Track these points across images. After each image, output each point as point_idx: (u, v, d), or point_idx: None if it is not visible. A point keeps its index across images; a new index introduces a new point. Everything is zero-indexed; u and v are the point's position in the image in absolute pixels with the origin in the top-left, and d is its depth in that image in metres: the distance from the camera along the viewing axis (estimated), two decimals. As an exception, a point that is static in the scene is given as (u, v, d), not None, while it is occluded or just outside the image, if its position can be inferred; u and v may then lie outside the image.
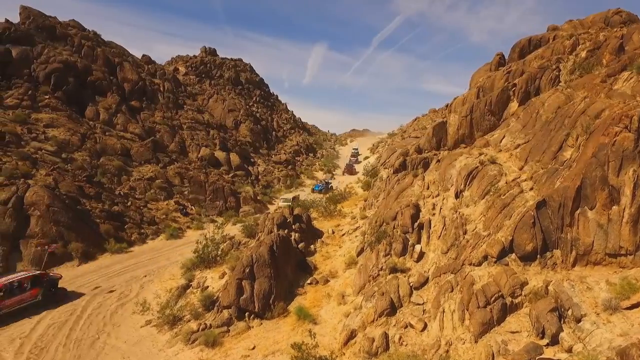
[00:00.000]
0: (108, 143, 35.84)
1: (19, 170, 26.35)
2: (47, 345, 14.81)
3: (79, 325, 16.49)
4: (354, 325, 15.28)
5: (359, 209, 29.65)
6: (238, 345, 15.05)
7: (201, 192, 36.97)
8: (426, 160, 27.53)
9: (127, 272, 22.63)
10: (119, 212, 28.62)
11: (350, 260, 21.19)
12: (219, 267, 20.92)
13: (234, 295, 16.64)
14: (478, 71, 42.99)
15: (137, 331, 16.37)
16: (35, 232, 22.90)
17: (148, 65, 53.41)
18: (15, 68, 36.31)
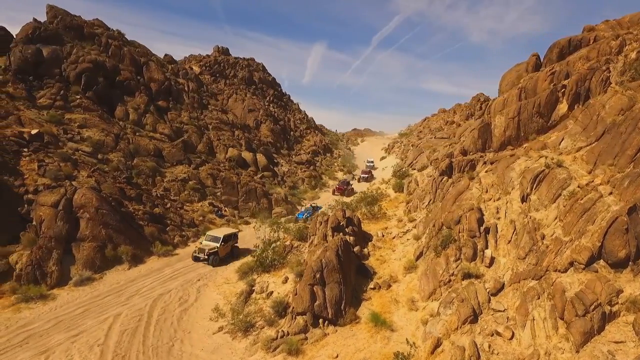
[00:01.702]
0: (141, 144, 35.49)
1: (63, 172, 26.02)
2: (127, 353, 14.50)
3: (150, 331, 16.17)
4: (437, 333, 14.97)
5: (402, 211, 29.31)
6: (319, 353, 14.73)
7: (234, 194, 36.63)
8: (472, 162, 27.22)
9: (179, 276, 22.30)
10: (160, 214, 28.30)
11: (409, 265, 20.86)
12: (278, 271, 20.59)
13: (308, 301, 16.33)
14: (509, 72, 42.65)
15: (210, 338, 16.05)
16: (86, 235, 22.59)
17: (170, 65, 53.00)
18: (46, 68, 35.91)
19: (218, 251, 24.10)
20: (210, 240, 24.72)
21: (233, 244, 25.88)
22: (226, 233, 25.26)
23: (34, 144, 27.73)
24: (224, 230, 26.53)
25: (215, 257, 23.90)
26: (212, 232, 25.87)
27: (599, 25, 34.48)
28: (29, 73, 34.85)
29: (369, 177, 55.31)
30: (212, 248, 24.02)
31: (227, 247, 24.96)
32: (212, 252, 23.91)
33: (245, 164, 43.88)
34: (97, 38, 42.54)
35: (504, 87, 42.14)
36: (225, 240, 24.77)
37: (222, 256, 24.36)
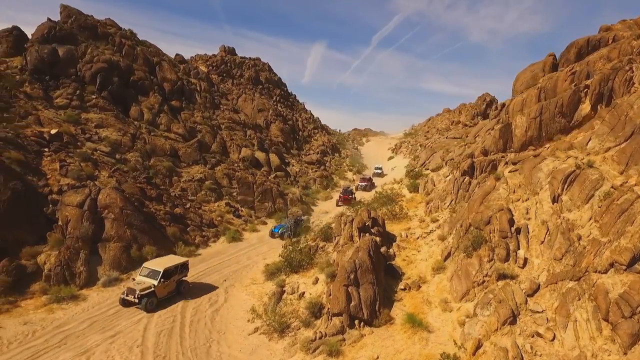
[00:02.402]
0: (157, 144, 35.44)
1: (84, 172, 25.97)
2: (167, 354, 14.45)
3: (186, 332, 16.13)
4: (476, 334, 14.92)
5: (422, 211, 29.26)
6: (359, 354, 14.68)
7: (249, 194, 36.58)
8: (494, 162, 27.15)
9: (205, 277, 22.26)
10: (180, 215, 28.25)
11: (436, 265, 20.80)
12: (306, 272, 20.53)
13: (344, 302, 16.27)
14: (524, 72, 42.59)
15: (246, 339, 16.01)
16: (111, 236, 22.54)
17: (182, 64, 52.94)
18: (62, 67, 35.85)
19: (155, 291, 17.99)
20: (146, 276, 18.67)
21: (179, 279, 19.77)
22: (169, 265, 19.15)
23: (54, 143, 27.69)
24: (168, 260, 20.09)
25: (150, 301, 17.73)
26: (151, 263, 19.60)
27: (616, 25, 34.43)
28: (45, 73, 34.81)
29: (369, 185, 48.35)
30: (146, 288, 17.87)
31: (169, 284, 18.91)
32: (146, 294, 17.70)
33: (259, 164, 43.84)
34: (111, 38, 42.50)
35: (519, 87, 42.08)
36: (167, 275, 18.79)
37: (161, 297, 18.41)
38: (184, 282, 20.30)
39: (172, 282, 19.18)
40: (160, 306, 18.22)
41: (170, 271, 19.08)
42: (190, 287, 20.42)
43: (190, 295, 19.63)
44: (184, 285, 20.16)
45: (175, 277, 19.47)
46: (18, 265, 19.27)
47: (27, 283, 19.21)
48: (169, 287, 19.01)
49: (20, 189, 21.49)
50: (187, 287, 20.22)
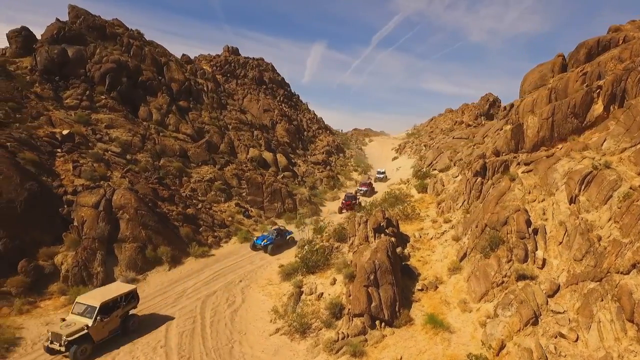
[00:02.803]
0: (167, 144, 35.46)
1: (97, 173, 26.00)
2: (191, 355, 14.48)
3: (207, 333, 16.15)
4: (499, 335, 14.95)
5: (434, 212, 29.29)
6: (382, 355, 14.71)
7: (259, 194, 36.59)
8: (506, 162, 27.20)
9: (220, 277, 22.27)
10: (193, 215, 28.27)
11: (452, 266, 20.84)
12: (323, 272, 20.56)
13: (365, 303, 16.31)
14: (532, 72, 42.66)
15: (267, 340, 16.03)
16: (126, 236, 22.57)
17: (188, 64, 52.94)
18: (71, 68, 35.88)
19: (90, 334, 14.10)
20: (81, 314, 14.54)
21: (125, 313, 15.81)
22: (109, 298, 15.07)
23: (66, 144, 27.73)
24: (108, 291, 15.92)
25: (81, 349, 13.81)
26: (86, 296, 15.31)
27: (625, 26, 34.48)
28: (54, 73, 34.83)
29: (369, 190, 46.21)
30: (76, 331, 13.84)
31: (110, 321, 14.99)
32: (76, 339, 13.75)
33: (266, 164, 43.85)
34: (119, 38, 42.51)
35: (527, 87, 42.15)
36: (107, 310, 14.87)
37: (101, 339, 14.62)
38: (133, 317, 16.17)
39: (114, 319, 15.14)
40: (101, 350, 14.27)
41: (110, 305, 15.05)
42: (140, 321, 16.42)
43: (207, 296, 19.63)
44: (133, 320, 16.00)
45: (119, 311, 15.39)
46: (36, 266, 19.30)
47: (45, 284, 19.25)
48: (110, 325, 14.95)
49: (36, 190, 21.53)
50: (136, 322, 16.14)
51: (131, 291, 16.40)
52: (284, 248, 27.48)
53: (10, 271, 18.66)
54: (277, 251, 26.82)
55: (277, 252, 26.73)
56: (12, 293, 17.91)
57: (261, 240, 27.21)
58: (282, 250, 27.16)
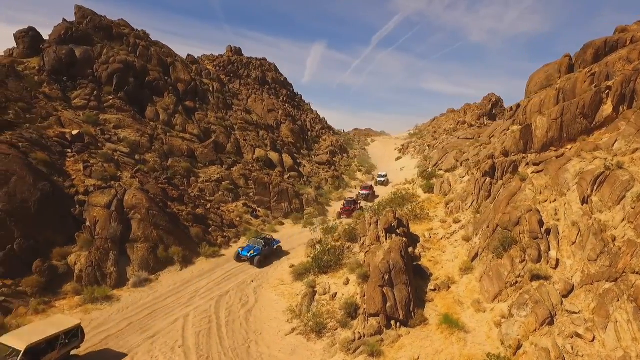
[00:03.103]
0: (174, 144, 35.54)
1: (108, 173, 26.06)
2: (209, 354, 14.56)
3: (223, 333, 16.23)
4: (515, 335, 15.03)
5: (443, 212, 29.36)
6: (399, 355, 14.78)
7: (266, 194, 36.67)
8: (515, 163, 27.27)
9: (232, 277, 22.34)
10: (202, 215, 28.35)
11: (464, 266, 20.92)
12: (335, 272, 20.62)
13: (380, 303, 16.38)
14: (538, 72, 42.73)
15: (283, 339, 16.10)
16: (138, 236, 22.65)
17: (193, 65, 53.00)
18: (79, 68, 35.96)
19: None
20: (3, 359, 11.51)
21: (64, 356, 13.07)
22: (40, 338, 12.11)
23: (76, 144, 27.79)
24: (42, 328, 12.87)
25: None
26: (9, 336, 12.25)
27: (632, 26, 34.53)
28: (62, 74, 34.91)
29: (370, 194, 43.60)
30: None
31: None
32: None
33: (272, 164, 43.92)
34: (126, 38, 42.58)
35: (533, 87, 42.20)
36: (36, 354, 11.97)
37: None
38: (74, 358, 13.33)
39: None
40: None
41: (42, 347, 12.12)
42: None
43: (221, 296, 19.70)
44: None
45: (54, 354, 12.45)
46: (50, 266, 19.38)
47: (60, 283, 19.32)
48: None
49: (48, 190, 21.61)
50: None
51: (73, 327, 13.36)
52: (272, 259, 25.08)
53: (25, 271, 18.75)
54: (265, 263, 24.18)
55: (264, 264, 24.07)
56: (27, 293, 17.99)
57: (247, 251, 24.15)
58: (271, 261, 24.77)
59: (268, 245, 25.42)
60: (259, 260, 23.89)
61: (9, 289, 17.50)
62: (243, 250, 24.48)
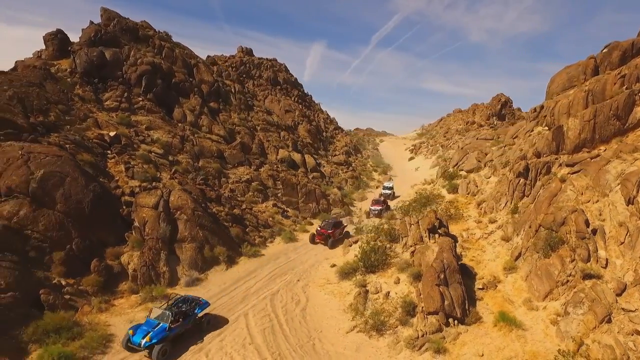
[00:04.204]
0: (204, 145, 35.95)
1: (149, 174, 26.47)
2: (279, 351, 14.97)
3: (286, 331, 16.65)
4: (574, 332, 15.45)
5: (475, 212, 29.77)
6: (463, 351, 15.20)
7: (294, 194, 37.08)
8: (548, 164, 27.69)
9: (277, 277, 22.74)
10: (239, 216, 28.76)
11: (507, 265, 21.35)
12: (383, 272, 21.02)
13: (439, 301, 16.79)
14: (559, 74, 43.14)
15: (345, 337, 16.52)
16: (185, 236, 23.04)
17: (213, 66, 53.38)
18: (109, 70, 36.35)
19: None
20: None
21: None
22: None
23: (115, 146, 28.20)
24: None
25: None
26: None
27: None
28: (93, 75, 35.29)
29: (384, 209, 37.02)
30: None
31: None
32: None
33: (295, 165, 44.32)
34: (151, 40, 42.97)
35: (554, 89, 42.62)
36: None
37: None
38: None
39: None
40: None
41: None
42: None
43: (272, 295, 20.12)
44: None
45: None
46: (106, 266, 19.81)
47: (115, 283, 19.75)
48: None
49: (99, 191, 22.03)
50: None
51: None
52: (193, 336, 15.83)
53: (84, 270, 19.18)
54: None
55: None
56: (88, 292, 18.43)
57: (142, 334, 14.47)
58: (187, 345, 15.34)
59: (185, 318, 15.62)
60: (160, 352, 14.07)
61: (73, 288, 17.94)
62: (134, 336, 14.54)
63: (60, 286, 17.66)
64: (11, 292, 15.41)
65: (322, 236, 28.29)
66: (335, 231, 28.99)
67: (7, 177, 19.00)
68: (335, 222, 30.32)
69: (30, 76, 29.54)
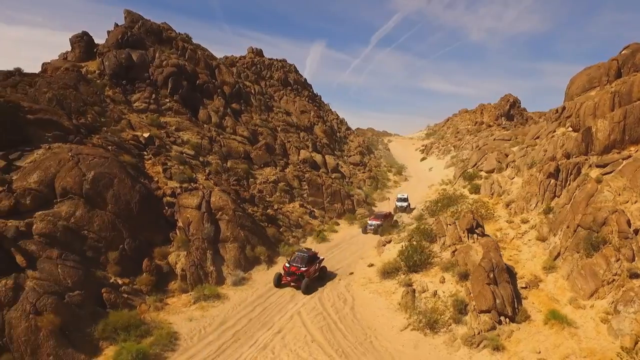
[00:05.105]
0: (232, 146, 36.35)
1: (186, 175, 26.84)
2: (341, 348, 15.35)
3: (342, 328, 17.01)
4: (628, 330, 15.79)
5: (504, 212, 30.14)
6: (519, 348, 15.57)
7: (319, 195, 37.47)
8: (578, 165, 28.06)
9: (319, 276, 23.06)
10: (273, 216, 29.14)
11: (547, 265, 21.71)
12: (426, 271, 21.38)
13: (491, 300, 17.17)
14: (579, 75, 43.54)
15: (400, 335, 16.89)
16: (227, 236, 23.44)
17: (232, 67, 53.77)
18: (136, 72, 36.74)
19: None
20: None
21: None
22: None
23: (150, 147, 28.58)
24: None
25: None
26: None
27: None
28: (122, 77, 35.70)
29: (388, 220, 33.16)
30: None
31: None
32: None
33: (316, 165, 44.70)
34: (174, 42, 43.36)
35: (574, 90, 43.00)
36: None
37: None
38: None
39: None
40: None
41: None
42: None
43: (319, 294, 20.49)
44: None
45: None
46: (156, 266, 20.19)
47: (165, 282, 20.13)
48: None
49: (144, 192, 22.42)
50: None
51: None
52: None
53: (136, 270, 19.58)
54: None
55: None
56: (142, 291, 18.83)
57: None
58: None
59: None
60: None
61: (129, 287, 18.33)
62: None
63: (117, 285, 18.05)
64: (77, 290, 15.80)
65: (294, 276, 21.02)
66: (310, 268, 21.63)
67: (62, 179, 19.38)
68: (309, 257, 22.22)
69: (65, 78, 29.94)
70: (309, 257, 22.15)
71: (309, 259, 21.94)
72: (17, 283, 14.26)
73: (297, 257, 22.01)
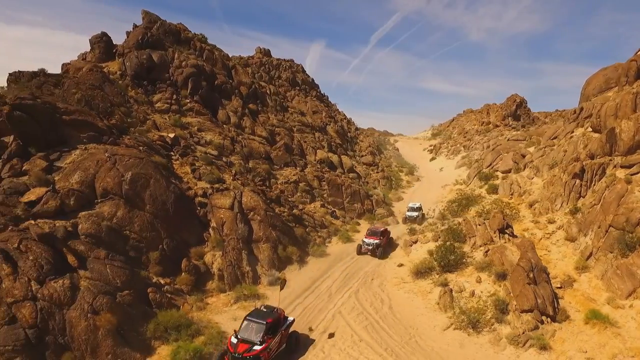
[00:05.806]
0: (253, 147, 36.48)
1: (214, 175, 26.96)
2: (390, 347, 15.49)
3: (385, 328, 17.16)
4: (672, 329, 15.97)
5: (529, 213, 30.29)
6: (565, 348, 15.72)
7: (339, 195, 37.60)
8: (602, 165, 28.22)
9: (351, 276, 23.23)
10: (299, 216, 29.27)
11: (579, 265, 21.88)
12: (461, 271, 21.53)
13: (533, 299, 17.31)
14: (595, 76, 43.76)
15: (443, 334, 17.03)
16: (260, 237, 23.58)
17: (247, 68, 53.88)
18: (157, 72, 36.86)
19: None
20: None
21: None
22: None
23: (176, 147, 28.71)
24: None
25: None
26: None
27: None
28: (143, 78, 35.80)
29: (383, 241, 27.23)
30: None
31: None
32: None
33: (332, 165, 44.81)
34: (192, 43, 43.47)
35: (590, 90, 43.22)
36: None
37: None
38: None
39: None
40: None
41: None
42: None
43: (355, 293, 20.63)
44: None
45: None
46: (194, 266, 20.33)
47: (203, 282, 20.28)
48: None
49: (178, 192, 22.56)
50: None
51: None
52: None
53: (176, 270, 19.74)
54: None
55: None
56: (183, 290, 18.98)
57: None
58: None
59: None
60: None
61: (171, 287, 18.49)
62: None
63: (160, 285, 18.21)
64: (126, 290, 15.95)
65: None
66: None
67: (102, 179, 19.53)
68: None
69: (91, 79, 30.05)
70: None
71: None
72: (73, 283, 14.39)
73: (251, 325, 14.40)
